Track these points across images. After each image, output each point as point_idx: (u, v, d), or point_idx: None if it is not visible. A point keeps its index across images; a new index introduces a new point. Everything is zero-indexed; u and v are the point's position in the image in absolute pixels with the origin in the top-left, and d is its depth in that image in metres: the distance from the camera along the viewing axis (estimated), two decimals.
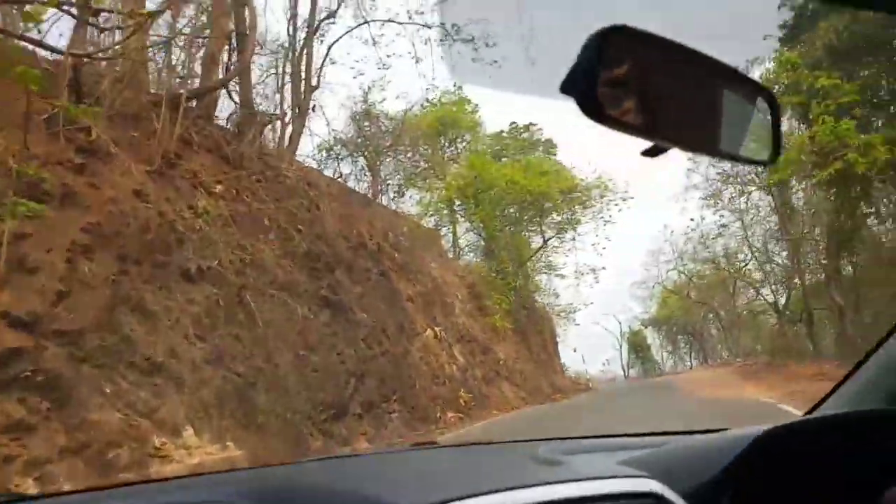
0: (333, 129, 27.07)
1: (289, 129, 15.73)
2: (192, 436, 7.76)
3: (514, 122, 39.51)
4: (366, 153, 26.85)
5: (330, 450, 10.39)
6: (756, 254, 33.83)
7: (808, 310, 26.08)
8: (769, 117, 1.09)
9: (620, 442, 2.02)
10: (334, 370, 12.15)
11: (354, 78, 40.87)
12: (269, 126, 14.54)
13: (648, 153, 0.94)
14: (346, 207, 18.83)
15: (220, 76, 13.10)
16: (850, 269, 24.16)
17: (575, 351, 50.29)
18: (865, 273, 24.55)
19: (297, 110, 15.82)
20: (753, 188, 29.59)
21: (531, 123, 39.80)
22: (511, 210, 31.75)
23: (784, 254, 33.27)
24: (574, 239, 33.17)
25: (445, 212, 32.13)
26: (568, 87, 0.86)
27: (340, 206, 17.10)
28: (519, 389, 24.80)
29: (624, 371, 61.46)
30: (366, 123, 26.38)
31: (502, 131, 39.23)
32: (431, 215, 31.65)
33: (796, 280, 33.16)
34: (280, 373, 10.29)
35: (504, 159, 34.43)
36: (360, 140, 26.85)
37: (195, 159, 10.82)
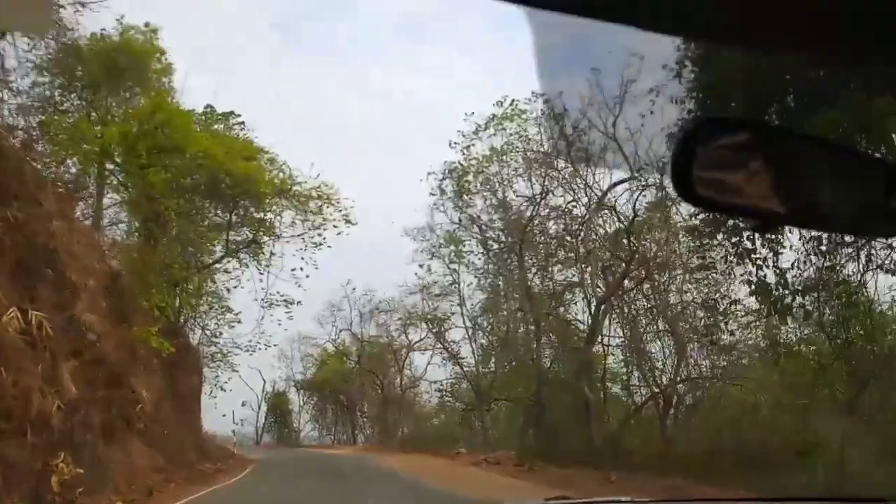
0: None
1: None
2: None
3: (211, 106, 29.98)
4: None
5: None
6: (468, 326, 29.42)
7: (539, 401, 21.65)
8: (883, 188, 1.02)
9: None
10: None
11: None
12: None
13: (759, 230, 1.69)
14: None
15: None
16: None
17: (245, 403, 39.63)
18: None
19: None
20: (495, 245, 25.34)
21: (232, 112, 30.70)
22: (197, 193, 22.41)
23: (496, 327, 29.71)
24: (271, 255, 24.82)
25: (93, 170, 21.34)
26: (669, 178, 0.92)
27: None
28: (156, 453, 15.21)
29: (257, 435, 52.62)
30: None
31: (193, 110, 29.52)
32: (69, 171, 20.62)
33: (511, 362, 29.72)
34: None
35: None
36: None
37: None
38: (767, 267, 10.77)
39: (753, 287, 10.85)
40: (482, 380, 29.15)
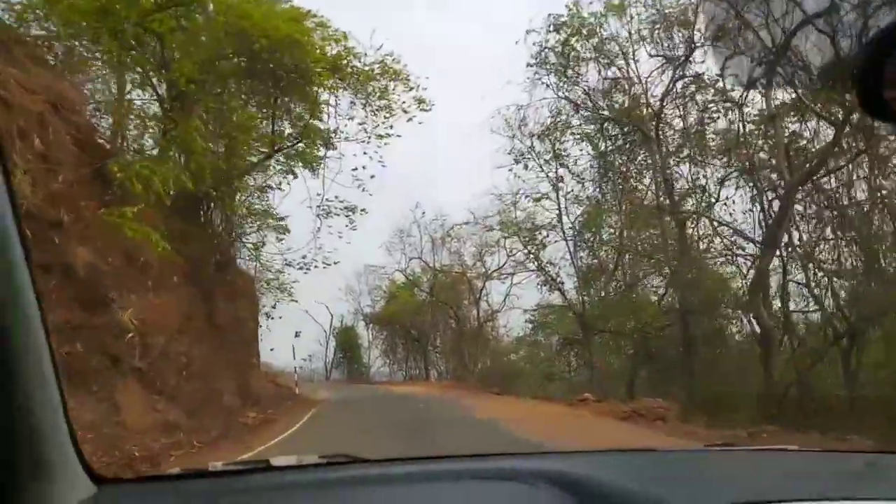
0: None
1: None
2: None
3: None
4: None
5: None
6: (568, 239, 23.74)
7: (685, 327, 15.91)
8: None
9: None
10: None
11: None
12: None
13: None
14: None
15: None
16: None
17: (298, 335, 35.23)
18: None
19: None
20: (614, 133, 19.19)
21: None
22: (232, 73, 17.18)
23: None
24: (327, 148, 19.60)
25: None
26: (852, 84, 1.04)
27: None
28: (171, 405, 10.53)
29: (326, 371, 49.64)
30: None
31: None
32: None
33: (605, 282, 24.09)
34: None
35: None
36: None
37: None
38: None
39: None
40: (587, 308, 23.56)
